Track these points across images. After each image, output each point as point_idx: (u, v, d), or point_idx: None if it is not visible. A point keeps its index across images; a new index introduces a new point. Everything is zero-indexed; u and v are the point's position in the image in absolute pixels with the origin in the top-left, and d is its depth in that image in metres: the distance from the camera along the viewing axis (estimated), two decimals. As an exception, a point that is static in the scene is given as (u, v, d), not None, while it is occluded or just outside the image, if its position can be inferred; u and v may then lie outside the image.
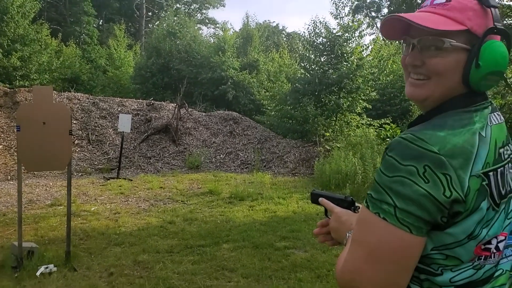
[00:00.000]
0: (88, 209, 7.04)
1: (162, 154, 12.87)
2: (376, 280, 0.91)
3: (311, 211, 7.21)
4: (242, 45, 23.80)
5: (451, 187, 0.85)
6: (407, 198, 0.86)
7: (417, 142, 0.88)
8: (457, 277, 0.91)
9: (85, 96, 14.67)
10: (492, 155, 0.92)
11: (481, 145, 0.91)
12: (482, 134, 0.92)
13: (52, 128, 4.42)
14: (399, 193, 0.87)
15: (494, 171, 0.92)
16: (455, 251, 0.90)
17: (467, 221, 0.88)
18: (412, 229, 0.87)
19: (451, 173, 0.85)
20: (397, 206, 0.87)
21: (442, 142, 0.87)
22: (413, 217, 0.86)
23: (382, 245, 0.89)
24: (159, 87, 21.50)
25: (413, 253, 0.89)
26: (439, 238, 0.90)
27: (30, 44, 18.25)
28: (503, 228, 0.97)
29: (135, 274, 4.26)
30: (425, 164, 0.85)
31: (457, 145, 0.88)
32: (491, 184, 0.91)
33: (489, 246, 0.94)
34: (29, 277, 4.03)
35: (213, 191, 8.63)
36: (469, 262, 0.92)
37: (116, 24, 28.29)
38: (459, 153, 0.87)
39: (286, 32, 43.55)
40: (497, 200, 0.93)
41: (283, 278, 4.19)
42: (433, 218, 0.87)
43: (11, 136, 11.78)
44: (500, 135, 0.98)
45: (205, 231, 5.81)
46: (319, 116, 13.48)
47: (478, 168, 0.88)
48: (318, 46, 14.43)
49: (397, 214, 0.87)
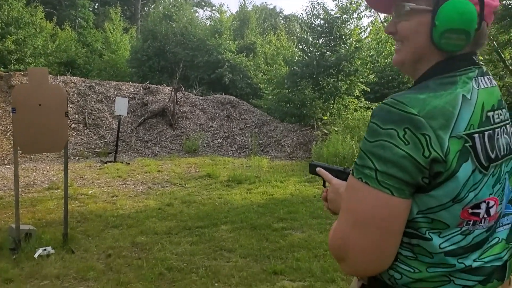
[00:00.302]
0: (86, 192, 7.03)
1: (159, 138, 12.84)
2: (363, 245, 0.92)
3: (308, 193, 7.22)
4: (239, 28, 23.58)
5: (430, 147, 0.86)
6: (387, 161, 0.87)
7: (398, 105, 0.89)
8: (445, 243, 0.91)
9: (81, 80, 14.55)
10: (478, 117, 0.92)
11: (465, 106, 0.91)
12: (467, 97, 0.92)
13: (48, 110, 4.36)
14: (380, 156, 0.88)
15: (480, 133, 0.91)
16: (439, 214, 0.90)
17: (450, 183, 0.88)
18: (393, 191, 0.88)
19: (430, 133, 0.86)
20: (377, 169, 0.88)
21: (422, 104, 0.88)
22: (394, 179, 0.87)
23: (365, 209, 0.90)
24: (155, 70, 21.34)
25: (396, 216, 0.89)
26: (424, 201, 0.90)
27: (24, 27, 18.04)
28: (495, 193, 0.95)
29: (133, 256, 4.26)
30: (405, 126, 0.86)
31: (437, 106, 0.88)
32: (476, 146, 0.90)
33: (477, 210, 0.92)
34: (27, 259, 4.03)
35: (211, 175, 8.63)
36: (457, 227, 0.92)
37: (112, 7, 27.94)
38: (439, 114, 0.88)
39: (283, 14, 43.15)
40: (484, 163, 0.91)
41: (281, 258, 4.20)
42: (414, 180, 0.87)
43: (7, 120, 11.70)
44: (490, 99, 0.96)
45: (203, 213, 5.82)
46: (317, 99, 13.43)
47: (460, 129, 0.89)
48: (316, 28, 14.29)
49: (378, 177, 0.88)
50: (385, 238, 0.91)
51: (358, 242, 0.92)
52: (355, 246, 0.92)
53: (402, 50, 1.03)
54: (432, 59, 0.99)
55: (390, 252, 0.93)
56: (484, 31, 0.99)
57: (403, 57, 1.04)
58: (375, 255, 0.92)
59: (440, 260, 0.92)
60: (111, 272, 3.85)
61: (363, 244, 0.92)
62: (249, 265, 3.99)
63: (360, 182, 0.91)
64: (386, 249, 0.92)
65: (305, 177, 8.64)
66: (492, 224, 0.97)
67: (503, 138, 0.98)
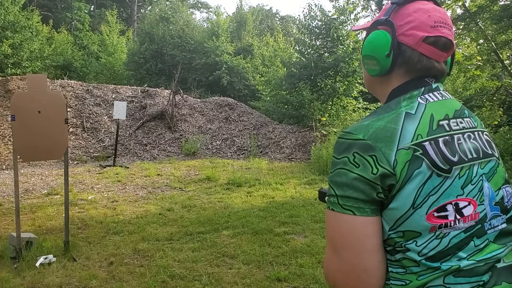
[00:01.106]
0: (85, 198, 7.00)
1: (158, 141, 12.80)
2: (343, 269, 0.98)
3: (309, 196, 7.21)
4: (236, 30, 23.58)
5: (378, 164, 0.95)
6: (343, 185, 0.97)
7: (346, 136, 1.02)
8: (424, 250, 0.95)
9: (78, 84, 14.50)
10: (426, 127, 1.00)
11: (408, 121, 1.00)
12: (411, 112, 1.02)
13: (47, 116, 4.33)
14: (337, 183, 0.99)
15: (432, 141, 0.98)
16: (406, 224, 0.95)
17: (404, 192, 0.95)
18: (354, 210, 0.96)
19: (377, 153, 0.96)
20: (337, 195, 0.98)
21: (366, 128, 1.00)
22: (351, 200, 0.96)
23: (336, 234, 0.99)
24: (153, 73, 21.30)
25: (364, 234, 0.96)
26: (389, 216, 0.97)
27: (21, 31, 17.95)
28: (466, 194, 0.98)
29: (135, 263, 4.23)
30: (354, 151, 0.98)
31: (379, 127, 0.99)
32: (428, 153, 0.96)
33: (444, 213, 0.96)
34: (28, 268, 3.99)
35: (211, 178, 8.61)
36: (430, 233, 0.95)
37: (108, 9, 27.87)
38: (382, 133, 0.98)
39: (279, 15, 43.15)
40: (443, 166, 0.96)
41: (284, 264, 4.18)
42: (369, 197, 0.96)
43: (5, 125, 11.65)
44: (441, 110, 1.05)
45: (204, 218, 5.79)
46: (315, 100, 13.42)
47: (406, 141, 0.97)
48: (313, 30, 14.29)
49: (339, 202, 0.98)
50: (361, 256, 0.96)
51: (338, 266, 0.99)
52: (338, 272, 1.00)
53: (363, 78, 1.25)
54: (384, 85, 1.14)
55: (374, 270, 0.97)
56: (411, 57, 1.07)
57: (365, 84, 1.24)
58: (358, 277, 0.97)
59: (425, 266, 0.95)
60: (114, 280, 3.82)
61: (343, 267, 0.98)
62: (252, 272, 3.97)
63: (329, 210, 1.01)
64: (368, 268, 0.96)
65: (305, 179, 8.64)
66: (471, 224, 0.98)
67: (470, 143, 1.04)
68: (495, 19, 8.20)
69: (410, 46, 1.07)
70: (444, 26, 1.08)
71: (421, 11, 1.08)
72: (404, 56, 1.08)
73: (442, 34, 1.07)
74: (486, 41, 9.17)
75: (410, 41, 1.07)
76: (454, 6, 8.96)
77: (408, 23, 1.08)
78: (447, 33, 1.08)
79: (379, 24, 1.11)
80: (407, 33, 1.07)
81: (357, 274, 0.97)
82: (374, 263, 0.97)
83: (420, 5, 1.10)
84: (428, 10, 1.08)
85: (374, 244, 0.97)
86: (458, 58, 8.45)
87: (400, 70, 1.10)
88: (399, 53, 1.08)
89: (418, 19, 1.07)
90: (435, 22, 1.07)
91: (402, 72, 1.10)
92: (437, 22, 1.07)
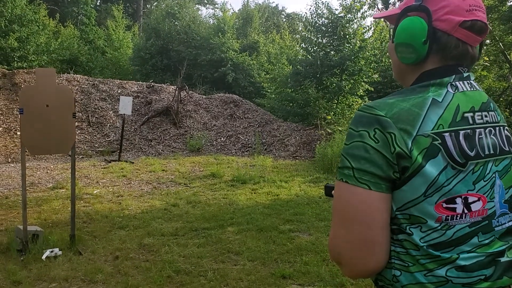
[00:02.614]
0: (91, 192, 7.03)
1: (163, 136, 12.83)
2: (351, 240, 0.98)
3: (313, 194, 7.21)
4: (242, 26, 23.52)
5: (395, 143, 0.95)
6: (361, 158, 0.97)
7: (368, 110, 1.00)
8: (426, 237, 0.96)
9: (84, 78, 14.54)
10: (449, 118, 0.99)
11: (433, 108, 0.99)
12: (438, 100, 1.01)
13: (55, 111, 4.35)
14: (354, 155, 0.98)
15: (453, 132, 0.98)
16: (414, 209, 0.96)
17: (418, 178, 0.95)
18: (370, 185, 0.96)
19: (395, 131, 0.96)
20: (354, 167, 0.98)
21: (390, 107, 0.99)
22: (369, 174, 0.96)
23: (348, 206, 0.99)
24: (158, 69, 21.31)
25: (376, 209, 0.97)
26: (398, 197, 0.97)
27: (27, 25, 18.01)
28: (477, 190, 0.99)
29: (140, 258, 4.26)
30: (375, 127, 0.97)
31: (403, 108, 0.99)
32: (446, 144, 0.96)
33: (452, 205, 0.96)
34: (34, 261, 4.02)
35: (215, 174, 8.62)
36: (436, 222, 0.96)
37: (114, 4, 27.88)
38: (405, 115, 0.97)
39: (285, 12, 43.05)
40: (459, 160, 0.97)
41: (289, 261, 4.19)
42: (386, 174, 0.96)
43: (11, 118, 11.71)
44: (468, 101, 1.04)
45: (209, 214, 5.81)
46: (321, 98, 13.39)
47: (427, 129, 0.96)
48: (320, 27, 14.24)
49: (355, 174, 0.97)
50: (371, 230, 0.97)
51: (346, 238, 0.99)
52: (345, 244, 0.99)
53: (392, 66, 1.22)
54: (416, 72, 1.10)
55: (382, 245, 0.98)
56: (448, 43, 1.05)
57: (394, 72, 1.22)
58: (366, 249, 0.98)
59: (425, 252, 0.96)
60: (119, 274, 3.84)
61: (351, 239, 0.98)
62: (257, 269, 3.98)
63: (342, 182, 1.00)
64: (375, 241, 0.97)
65: (310, 177, 8.63)
66: (477, 219, 0.99)
67: (489, 139, 1.03)
68: (503, 20, 8.14)
69: (446, 31, 1.04)
70: (479, 9, 1.06)
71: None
72: (440, 42, 1.05)
73: (478, 17, 1.05)
74: (493, 41, 9.12)
75: (446, 27, 1.04)
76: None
77: (443, 8, 1.05)
78: (482, 16, 1.06)
79: (411, 10, 1.08)
80: (443, 18, 1.05)
81: (366, 246, 0.97)
82: (382, 237, 0.98)
83: None
84: None
85: (385, 220, 0.98)
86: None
87: (435, 56, 1.08)
88: (434, 40, 1.05)
89: (453, 3, 1.04)
90: (470, 6, 1.05)
91: (437, 58, 1.08)
92: (472, 6, 1.05)
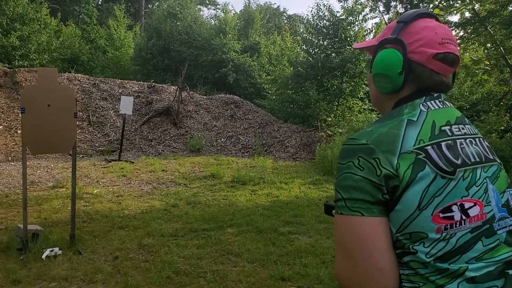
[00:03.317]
0: (91, 192, 7.03)
1: (163, 136, 12.84)
2: (356, 270, 0.99)
3: (313, 196, 7.22)
4: (243, 27, 23.55)
5: (381, 166, 0.99)
6: (350, 188, 1.01)
7: (350, 142, 1.06)
8: (432, 251, 0.98)
9: (85, 77, 14.55)
10: (428, 133, 1.04)
11: (410, 127, 1.04)
12: (413, 120, 1.06)
13: (57, 110, 4.36)
14: (344, 186, 1.02)
15: (435, 144, 1.02)
16: (413, 226, 0.98)
17: (408, 193, 0.97)
18: (362, 211, 0.99)
19: (379, 155, 0.99)
20: (345, 198, 1.01)
21: (369, 134, 1.04)
22: (359, 201, 0.99)
23: (346, 236, 1.01)
24: (159, 69, 21.32)
25: (374, 233, 0.99)
26: (395, 218, 0.99)
27: (29, 24, 18.03)
28: (472, 195, 1.01)
29: (140, 258, 4.26)
30: (359, 155, 1.02)
31: (382, 132, 1.04)
32: (431, 156, 1.00)
33: (449, 214, 0.98)
34: (34, 260, 4.03)
35: (215, 175, 8.63)
36: (437, 234, 0.98)
37: (116, 4, 27.89)
38: (385, 138, 1.02)
39: (287, 14, 43.09)
40: (446, 169, 1.00)
41: (288, 263, 4.20)
42: (375, 198, 0.99)
43: (11, 116, 11.72)
44: (443, 117, 1.09)
45: (208, 215, 5.81)
46: (321, 100, 13.41)
47: (409, 146, 1.00)
48: (321, 30, 14.27)
49: (347, 204, 1.01)
50: (372, 256, 0.98)
51: (352, 269, 1.00)
52: (352, 274, 1.00)
53: (370, 95, 1.27)
54: (393, 99, 1.16)
55: (387, 271, 0.98)
56: (422, 74, 1.11)
57: (372, 101, 1.28)
58: (374, 277, 0.98)
59: (433, 268, 0.97)
60: (119, 274, 3.85)
61: (357, 270, 0.99)
62: (257, 271, 3.99)
63: (338, 215, 1.04)
64: (381, 268, 0.98)
65: (310, 179, 8.64)
66: (478, 224, 1.01)
67: (472, 148, 1.07)
68: (504, 24, 8.16)
69: (421, 63, 1.11)
70: (450, 42, 1.12)
71: (428, 28, 1.12)
72: (415, 73, 1.11)
73: (449, 50, 1.11)
74: (494, 45, 9.13)
75: (421, 58, 1.10)
76: (463, 10, 8.93)
77: (417, 41, 1.11)
78: (453, 49, 1.12)
79: (387, 42, 1.15)
80: (417, 51, 1.11)
81: (371, 275, 0.98)
82: (386, 262, 0.98)
83: (426, 23, 1.14)
84: (434, 28, 1.13)
85: (385, 243, 0.99)
86: (466, 62, 8.43)
87: (410, 85, 1.13)
88: (410, 70, 1.11)
89: (427, 37, 1.11)
90: (442, 39, 1.11)
91: (412, 87, 1.13)
92: (444, 39, 1.11)
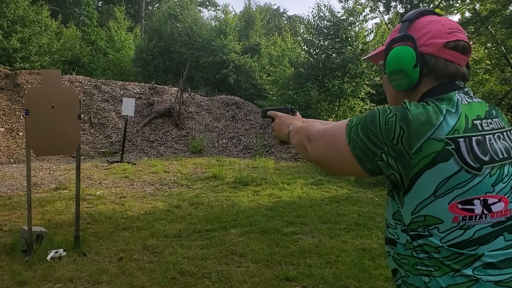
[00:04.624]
0: (94, 193, 7.04)
1: (165, 138, 12.85)
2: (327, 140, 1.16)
3: (316, 196, 7.23)
4: (244, 28, 23.58)
5: (400, 139, 1.00)
6: (364, 122, 1.06)
7: (404, 102, 1.07)
8: (447, 237, 1.00)
9: (86, 79, 14.57)
10: (463, 124, 1.03)
11: (449, 116, 1.03)
12: (451, 110, 1.05)
13: (60, 112, 4.37)
14: (363, 117, 1.08)
15: (466, 138, 1.02)
16: (427, 209, 1.01)
17: (423, 179, 1.00)
18: (349, 143, 1.07)
19: (407, 129, 1.00)
20: (355, 124, 1.08)
21: (415, 107, 1.04)
22: (357, 138, 1.06)
23: (330, 136, 1.15)
24: (160, 70, 21.36)
25: (340, 154, 1.11)
26: (410, 199, 1.03)
27: (30, 26, 18.08)
28: (497, 192, 1.03)
29: (144, 259, 4.27)
30: (395, 112, 1.03)
31: (425, 111, 1.03)
32: (460, 149, 1.00)
33: (470, 206, 1.00)
34: (39, 262, 4.04)
35: (218, 176, 8.64)
36: (453, 223, 1.00)
37: (116, 5, 27.93)
38: (424, 118, 1.01)
39: (287, 15, 43.13)
40: (473, 164, 1.00)
41: (292, 263, 4.20)
42: (371, 150, 1.04)
43: (13, 118, 11.74)
44: (473, 111, 1.08)
45: (212, 216, 5.82)
46: (322, 101, 13.42)
47: (441, 133, 1.00)
48: (322, 30, 14.28)
49: (352, 129, 1.08)
50: (331, 154, 1.14)
51: (319, 144, 1.19)
52: (318, 146, 1.19)
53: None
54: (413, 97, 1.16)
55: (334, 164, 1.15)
56: (437, 65, 1.12)
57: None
58: (334, 144, 1.13)
59: (448, 252, 1.00)
60: (124, 276, 3.85)
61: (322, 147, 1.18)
62: (261, 271, 4.00)
63: (346, 129, 1.11)
64: (330, 160, 1.16)
65: (312, 180, 8.65)
66: (500, 220, 1.03)
67: (500, 144, 1.07)
68: (506, 24, 8.17)
69: (433, 54, 1.11)
70: (459, 31, 1.13)
71: (433, 22, 1.14)
72: (429, 65, 1.12)
73: (459, 38, 1.12)
74: (495, 45, 9.14)
75: (432, 49, 1.11)
76: (464, 10, 8.95)
77: (426, 34, 1.13)
78: (463, 36, 1.13)
79: (396, 41, 1.16)
80: (427, 43, 1.12)
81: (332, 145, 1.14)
82: (337, 164, 1.15)
83: (430, 18, 1.16)
84: (439, 20, 1.15)
85: (339, 160, 1.12)
86: (467, 62, 8.42)
87: (428, 78, 1.13)
88: (423, 63, 1.11)
89: (434, 29, 1.13)
90: (449, 29, 1.13)
91: (430, 79, 1.13)
92: (451, 29, 1.13)
